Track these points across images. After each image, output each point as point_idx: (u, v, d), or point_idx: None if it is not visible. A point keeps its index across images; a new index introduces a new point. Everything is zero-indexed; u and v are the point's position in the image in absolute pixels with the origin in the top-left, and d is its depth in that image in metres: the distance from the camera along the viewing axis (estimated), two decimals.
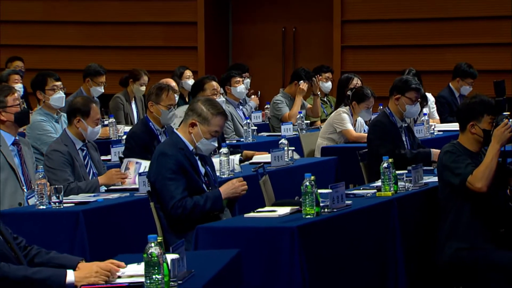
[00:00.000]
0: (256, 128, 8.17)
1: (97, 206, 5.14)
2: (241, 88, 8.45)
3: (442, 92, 9.24)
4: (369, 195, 5.19)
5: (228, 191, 4.95)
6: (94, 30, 12.12)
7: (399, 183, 5.22)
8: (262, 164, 5.95)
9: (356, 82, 8.26)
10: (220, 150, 5.95)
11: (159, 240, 3.21)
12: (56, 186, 5.04)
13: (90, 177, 5.74)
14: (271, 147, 6.58)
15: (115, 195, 5.39)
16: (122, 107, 9.07)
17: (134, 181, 5.60)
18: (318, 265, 4.39)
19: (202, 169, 5.06)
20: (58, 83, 7.40)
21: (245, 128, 7.79)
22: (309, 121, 8.85)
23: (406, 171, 5.38)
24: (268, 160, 6.31)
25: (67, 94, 7.63)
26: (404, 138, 6.37)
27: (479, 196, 4.95)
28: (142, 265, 3.22)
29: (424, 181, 5.47)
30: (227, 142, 7.06)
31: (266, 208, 4.87)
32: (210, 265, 3.63)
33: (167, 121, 6.29)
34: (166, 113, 6.26)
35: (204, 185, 5.01)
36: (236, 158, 6.22)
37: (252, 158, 6.75)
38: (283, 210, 4.63)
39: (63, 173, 5.59)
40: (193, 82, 8.45)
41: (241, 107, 8.56)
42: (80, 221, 4.93)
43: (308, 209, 4.47)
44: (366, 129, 7.77)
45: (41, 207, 5.02)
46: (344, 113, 7.64)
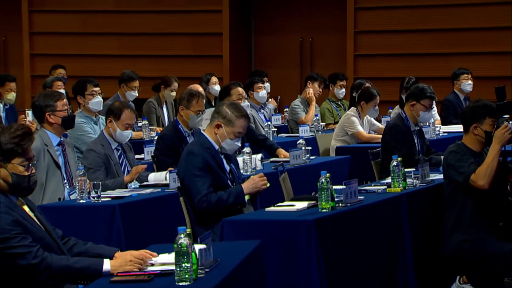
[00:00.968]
0: (276, 130, 8.17)
1: (132, 201, 5.15)
2: (263, 93, 8.46)
3: (448, 96, 9.21)
4: (380, 191, 5.17)
5: (250, 187, 4.95)
6: (129, 41, 12.16)
7: (408, 180, 5.21)
8: (282, 163, 5.96)
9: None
10: (243, 150, 5.95)
11: (188, 232, 3.21)
12: (95, 182, 5.06)
13: (124, 174, 5.75)
14: (290, 147, 6.58)
15: (148, 191, 5.40)
16: (154, 111, 9.09)
17: None
18: (333, 255, 4.37)
19: (227, 167, 5.06)
20: (97, 89, 7.43)
21: (266, 130, 7.79)
22: (324, 123, 8.84)
23: (414, 169, 5.37)
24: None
25: (105, 99, 7.67)
26: (416, 141, 6.35)
27: (481, 193, 4.94)
28: (173, 255, 3.22)
29: (431, 178, 5.45)
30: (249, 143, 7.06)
31: (285, 203, 4.86)
32: (234, 255, 3.63)
33: (195, 125, 6.30)
34: (195, 118, 6.27)
35: (229, 182, 5.02)
36: (258, 157, 6.22)
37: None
38: (301, 205, 4.62)
39: (96, 172, 5.61)
40: (221, 88, 8.46)
41: (262, 111, 8.55)
42: (116, 214, 4.95)
43: (324, 204, 4.46)
44: (375, 124, 7.79)
45: (81, 201, 5.05)
46: (353, 116, 7.64)
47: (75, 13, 12.27)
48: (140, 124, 8.22)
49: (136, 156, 6.23)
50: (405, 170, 5.19)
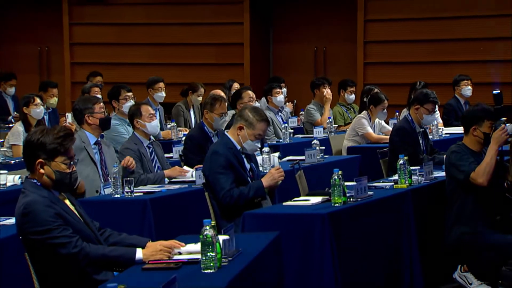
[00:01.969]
0: (293, 131, 8.15)
1: (162, 195, 5.16)
2: (281, 98, 8.44)
3: (450, 101, 9.17)
4: (388, 187, 5.16)
5: (268, 179, 4.95)
6: (159, 50, 12.18)
7: (413, 177, 5.19)
8: (298, 161, 5.94)
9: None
10: (262, 149, 5.94)
11: (213, 224, 3.21)
12: (128, 178, 5.07)
13: (155, 170, 5.76)
14: (305, 147, 6.56)
15: (176, 186, 5.41)
16: (182, 114, 9.10)
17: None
18: (345, 245, 4.36)
19: (248, 165, 5.06)
20: (130, 94, 7.45)
21: (283, 131, 7.78)
22: (337, 125, 8.81)
23: (419, 167, 5.36)
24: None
25: (137, 103, 7.67)
26: (421, 141, 6.33)
27: (480, 189, 4.92)
28: (199, 245, 3.22)
29: (434, 176, 5.43)
30: (268, 143, 7.06)
31: (301, 198, 4.86)
32: (255, 245, 3.63)
33: (219, 126, 6.31)
34: (218, 120, 6.27)
35: (249, 178, 5.01)
36: (276, 155, 6.21)
37: None
38: (316, 199, 4.61)
39: (135, 167, 5.62)
40: (234, 91, 8.47)
41: (280, 113, 8.54)
42: (147, 208, 4.96)
43: (337, 199, 4.45)
44: (385, 126, 7.76)
45: (116, 196, 5.05)
46: (363, 119, 7.62)
47: (111, 26, 12.32)
48: (169, 126, 8.24)
49: (166, 155, 6.24)
50: (411, 168, 5.18)
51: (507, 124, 4.94)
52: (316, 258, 4.25)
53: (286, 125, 7.88)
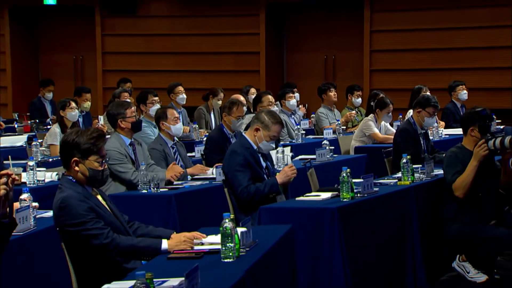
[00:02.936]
0: (304, 132, 8.13)
1: (185, 191, 5.15)
2: (293, 102, 8.42)
3: (448, 105, 9.11)
4: (392, 184, 5.13)
5: (282, 176, 4.93)
6: (183, 59, 12.20)
7: (415, 175, 5.17)
8: (309, 160, 5.92)
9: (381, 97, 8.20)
10: (277, 149, 5.93)
11: (232, 217, 3.20)
12: (155, 175, 5.07)
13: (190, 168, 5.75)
14: (316, 147, 6.53)
15: (198, 183, 5.40)
16: (204, 116, 9.10)
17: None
18: (353, 237, 4.34)
19: (264, 164, 5.05)
20: (156, 98, 7.45)
21: (296, 132, 7.76)
22: (345, 127, 8.77)
23: (421, 166, 5.33)
24: None
25: (162, 107, 7.67)
26: (422, 142, 6.30)
27: (473, 188, 4.90)
28: (219, 236, 3.21)
29: (435, 173, 5.38)
30: (282, 143, 7.05)
31: (312, 193, 4.83)
32: (270, 237, 3.61)
33: (237, 128, 6.29)
34: (236, 122, 6.26)
35: (265, 176, 5.00)
36: (289, 154, 6.19)
37: None
38: (326, 195, 4.59)
39: (159, 166, 5.63)
40: (254, 96, 8.46)
41: (293, 116, 8.52)
42: (172, 202, 4.95)
43: (345, 194, 4.43)
44: (390, 129, 7.72)
45: (143, 191, 5.06)
46: (370, 121, 7.60)
47: (139, 36, 12.35)
48: (192, 128, 8.24)
49: (188, 154, 6.23)
50: (413, 166, 5.16)
51: (490, 141, 4.86)
52: (326, 249, 4.23)
53: (299, 127, 7.86)
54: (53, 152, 6.91)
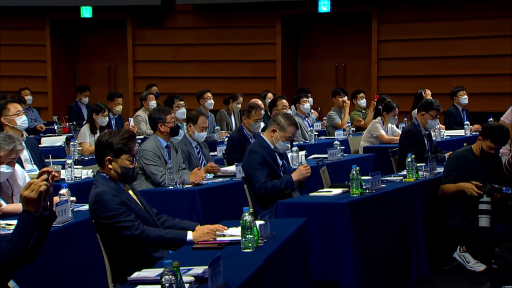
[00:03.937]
0: (317, 133, 8.10)
1: (208, 187, 5.16)
2: (307, 105, 8.39)
3: (450, 108, 9.08)
4: (398, 181, 5.11)
5: (297, 175, 4.93)
6: (206, 66, 12.21)
7: (419, 172, 5.15)
8: (322, 159, 5.91)
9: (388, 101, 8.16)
10: (292, 149, 5.92)
11: (251, 211, 3.20)
12: (181, 176, 5.07)
13: (202, 167, 5.75)
14: (328, 147, 6.51)
15: (220, 179, 5.40)
16: (225, 119, 9.11)
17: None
18: (362, 229, 4.32)
19: (280, 162, 5.04)
20: (181, 102, 7.46)
21: (309, 133, 7.74)
22: (354, 128, 8.74)
23: (424, 164, 5.29)
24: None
25: (188, 110, 7.70)
26: (426, 142, 6.27)
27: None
28: (239, 228, 3.21)
29: (437, 171, 5.36)
30: (296, 143, 7.03)
31: (325, 189, 4.82)
32: (286, 229, 3.60)
33: (255, 130, 6.28)
34: (254, 125, 6.26)
35: (281, 173, 4.99)
36: (303, 154, 6.17)
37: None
38: (337, 191, 4.58)
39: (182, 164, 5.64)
40: (270, 100, 8.46)
41: (307, 119, 8.50)
42: (196, 197, 4.96)
43: (355, 190, 4.42)
44: (396, 130, 7.68)
45: (170, 187, 5.07)
46: (377, 123, 7.57)
47: (166, 46, 12.38)
48: (214, 129, 8.25)
49: (211, 153, 6.24)
50: (417, 165, 5.14)
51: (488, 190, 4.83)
52: (337, 240, 4.22)
53: (312, 129, 7.84)
54: (84, 150, 6.93)
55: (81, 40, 13.05)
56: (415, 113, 6.97)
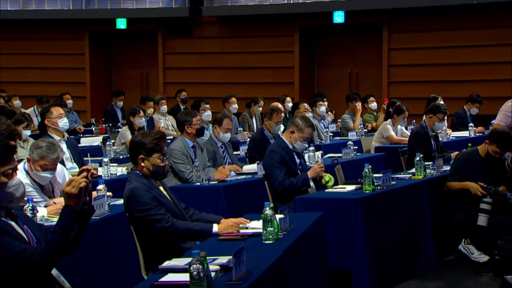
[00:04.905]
0: (332, 134, 8.07)
1: (232, 184, 5.17)
2: (323, 109, 8.37)
3: (459, 111, 9.02)
4: (407, 178, 5.07)
5: (312, 172, 4.92)
6: (230, 72, 12.23)
7: (427, 170, 5.11)
8: (337, 158, 5.88)
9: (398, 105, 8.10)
10: (309, 149, 5.90)
11: (271, 206, 3.19)
12: (207, 173, 5.08)
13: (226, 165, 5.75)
14: (342, 147, 6.48)
15: (243, 177, 5.40)
16: (247, 121, 9.10)
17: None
18: (374, 223, 4.29)
19: (298, 161, 5.02)
20: (207, 106, 7.47)
21: (325, 134, 7.72)
22: (367, 130, 8.69)
23: (432, 163, 5.24)
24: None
25: (213, 113, 7.71)
26: (433, 142, 6.22)
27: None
28: (261, 222, 3.20)
29: (444, 169, 5.31)
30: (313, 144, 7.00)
31: (339, 186, 4.80)
32: (303, 222, 3.59)
33: (275, 132, 6.27)
34: (275, 127, 6.25)
35: (299, 171, 4.97)
36: (319, 153, 6.14)
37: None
38: (350, 187, 4.56)
39: (208, 162, 5.64)
40: (293, 104, 8.44)
41: (322, 121, 8.46)
42: (221, 193, 4.97)
43: (367, 187, 4.39)
44: (405, 132, 7.62)
45: (197, 184, 5.07)
46: (388, 125, 7.52)
47: (194, 54, 12.43)
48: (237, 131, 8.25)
49: (234, 153, 6.24)
50: (425, 163, 5.10)
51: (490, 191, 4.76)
52: (351, 233, 4.20)
53: (327, 130, 7.82)
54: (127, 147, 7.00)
55: (117, 49, 13.16)
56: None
